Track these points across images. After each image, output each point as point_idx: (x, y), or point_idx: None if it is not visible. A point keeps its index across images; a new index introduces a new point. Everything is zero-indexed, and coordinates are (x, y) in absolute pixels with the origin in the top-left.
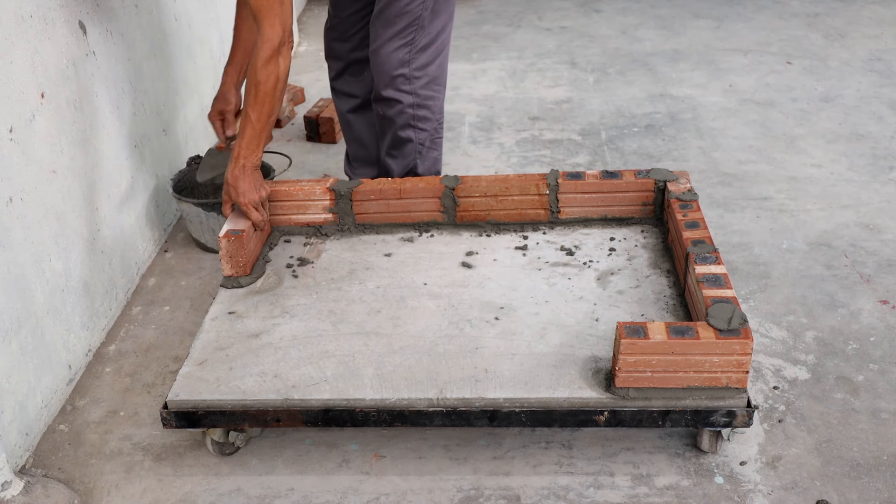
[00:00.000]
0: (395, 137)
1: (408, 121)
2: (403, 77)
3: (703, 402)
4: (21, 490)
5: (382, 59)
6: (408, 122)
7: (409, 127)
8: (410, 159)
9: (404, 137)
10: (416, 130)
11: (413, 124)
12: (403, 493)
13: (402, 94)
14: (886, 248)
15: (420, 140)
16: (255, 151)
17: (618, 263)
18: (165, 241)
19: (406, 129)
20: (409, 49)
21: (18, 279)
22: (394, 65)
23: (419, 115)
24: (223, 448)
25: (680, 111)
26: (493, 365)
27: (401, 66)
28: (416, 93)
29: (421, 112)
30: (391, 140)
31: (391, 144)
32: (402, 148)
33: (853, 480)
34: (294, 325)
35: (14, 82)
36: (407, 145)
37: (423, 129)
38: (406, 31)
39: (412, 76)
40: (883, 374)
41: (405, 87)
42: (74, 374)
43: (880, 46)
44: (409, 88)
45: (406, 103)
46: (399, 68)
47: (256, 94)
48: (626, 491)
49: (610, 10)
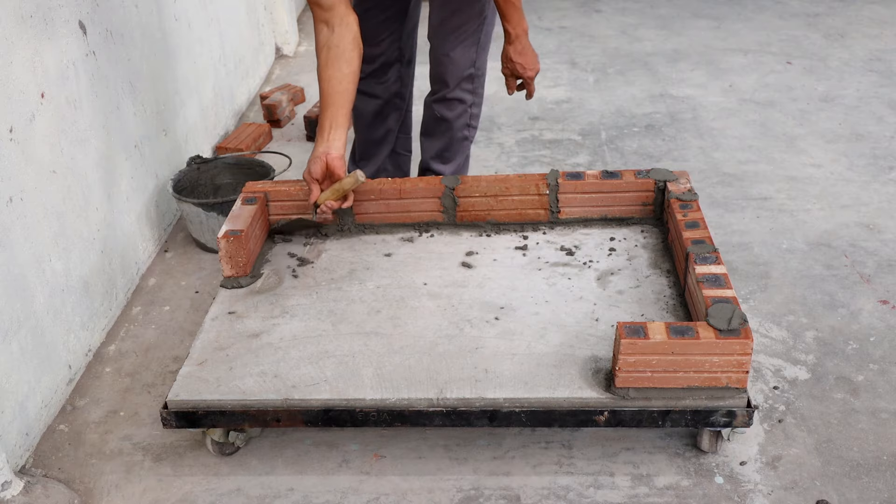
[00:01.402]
0: (452, 139)
1: (467, 121)
2: (470, 77)
3: (703, 402)
4: (21, 490)
5: (455, 62)
6: (467, 123)
7: (467, 127)
8: (462, 159)
9: (461, 137)
10: (470, 129)
11: (470, 123)
12: (403, 493)
13: (467, 93)
14: (886, 248)
15: (472, 138)
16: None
17: (618, 263)
18: (165, 241)
19: (465, 130)
20: (476, 48)
21: (18, 279)
22: (466, 66)
23: (474, 113)
24: (223, 448)
25: (680, 111)
26: (493, 365)
27: (470, 67)
28: (476, 91)
29: (476, 110)
30: (447, 143)
31: (446, 147)
32: (458, 149)
33: (853, 480)
34: (294, 325)
35: (14, 82)
36: (463, 144)
37: (475, 126)
38: (476, 32)
39: (476, 75)
40: (883, 374)
41: (469, 87)
42: (74, 374)
43: (880, 46)
44: (471, 88)
45: (468, 103)
46: (469, 68)
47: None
48: (626, 491)
49: (610, 10)
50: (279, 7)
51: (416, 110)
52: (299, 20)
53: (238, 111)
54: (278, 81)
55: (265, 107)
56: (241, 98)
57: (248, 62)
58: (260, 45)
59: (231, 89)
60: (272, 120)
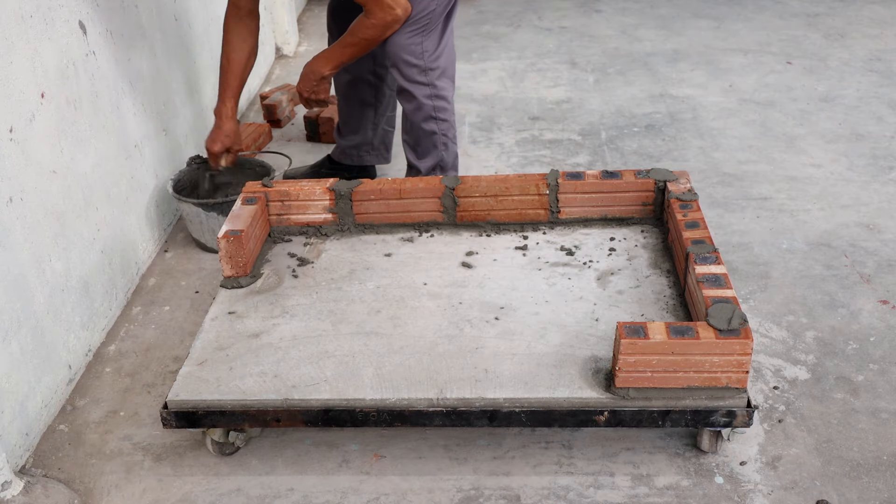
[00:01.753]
0: (419, 132)
1: (429, 113)
2: (422, 69)
3: (703, 402)
4: (21, 490)
5: (399, 48)
6: (429, 115)
7: (431, 119)
8: (437, 153)
9: (427, 130)
10: (437, 122)
11: (434, 115)
12: (403, 493)
13: (420, 86)
14: (886, 248)
15: (443, 131)
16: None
17: (618, 263)
18: (165, 241)
19: (429, 122)
20: (422, 38)
21: (18, 279)
22: (413, 55)
23: (438, 105)
24: (223, 448)
25: (680, 111)
26: (493, 365)
27: (418, 57)
28: (434, 84)
29: (440, 103)
30: (415, 136)
31: (416, 141)
32: (426, 142)
33: (853, 480)
34: (294, 325)
35: (14, 82)
36: (431, 137)
37: (445, 119)
38: (420, 21)
39: (429, 68)
40: (883, 374)
41: (422, 80)
42: (74, 374)
43: (880, 46)
44: (425, 80)
45: (423, 95)
46: (416, 59)
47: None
48: (626, 491)
49: (610, 10)
50: (279, 7)
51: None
52: (299, 20)
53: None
54: (278, 81)
55: (265, 107)
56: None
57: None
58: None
59: None
60: (272, 120)
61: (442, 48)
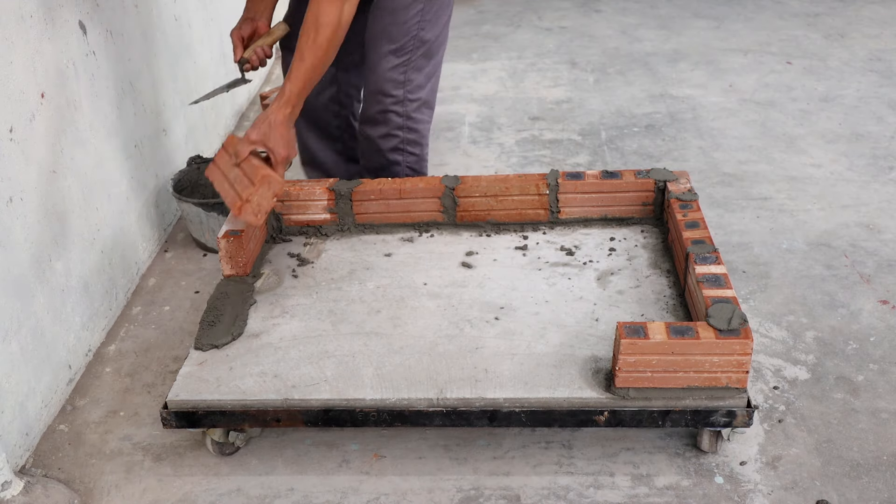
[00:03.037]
0: (383, 160)
1: (397, 144)
2: (395, 99)
3: (703, 402)
4: (21, 490)
5: (379, 77)
6: (397, 146)
7: (398, 150)
8: None
9: (392, 160)
10: (404, 154)
11: (402, 147)
12: (403, 493)
13: (395, 115)
14: (886, 248)
15: (409, 164)
16: (302, 100)
17: (618, 263)
18: (165, 241)
19: (395, 153)
20: (407, 69)
21: (18, 279)
22: (386, 84)
23: (409, 138)
24: (223, 448)
25: (680, 111)
26: (493, 365)
27: (398, 87)
28: (409, 116)
29: (411, 136)
30: (379, 163)
31: (378, 168)
32: (386, 173)
33: (853, 480)
34: (294, 325)
35: (14, 82)
36: (393, 168)
37: (413, 153)
38: (408, 51)
39: (405, 99)
40: (883, 374)
41: (398, 109)
42: (74, 374)
43: (880, 46)
44: (402, 111)
45: (394, 124)
46: (396, 88)
47: (316, 37)
48: (626, 491)
49: (610, 10)
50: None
51: None
52: None
53: (238, 111)
54: (278, 81)
55: (265, 107)
56: (241, 98)
57: None
58: None
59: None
60: None
61: (429, 80)
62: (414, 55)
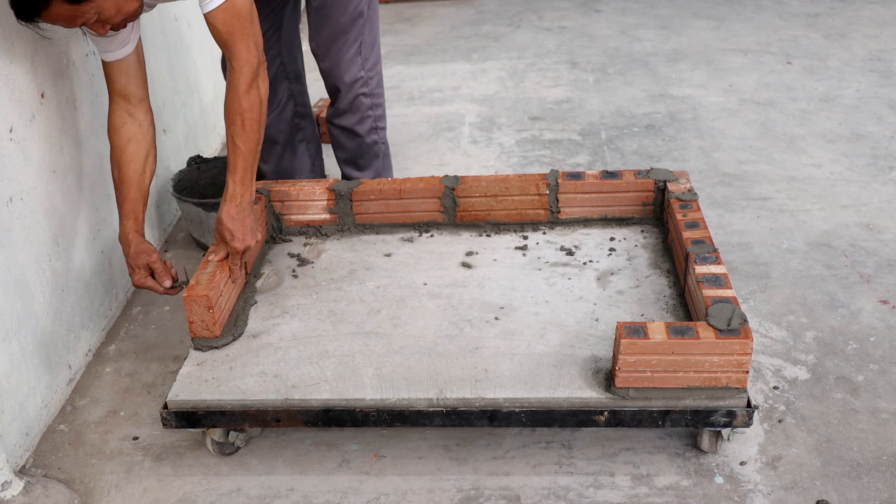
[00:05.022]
0: (361, 147)
1: (372, 125)
2: (363, 81)
3: (703, 402)
4: (21, 490)
5: (343, 70)
6: (372, 126)
7: (373, 131)
8: (377, 162)
9: (369, 141)
10: (378, 131)
11: (376, 125)
12: (403, 493)
13: (363, 97)
14: (886, 248)
15: (382, 140)
16: (249, 185)
17: (618, 263)
18: (165, 241)
19: (371, 134)
20: (360, 50)
21: (18, 279)
22: (355, 71)
23: (378, 114)
24: (223, 448)
25: (680, 111)
26: (493, 365)
27: (359, 70)
28: (374, 94)
29: (378, 112)
30: (359, 150)
31: (357, 154)
32: (369, 153)
33: (853, 480)
34: (294, 325)
35: (14, 82)
36: (373, 148)
37: (383, 127)
38: (358, 35)
39: (367, 78)
40: (883, 374)
41: (364, 90)
42: (74, 374)
43: (880, 46)
44: (367, 91)
45: (366, 106)
46: (358, 72)
47: (244, 124)
48: (626, 491)
49: (610, 10)
50: None
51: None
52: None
53: None
54: None
55: None
56: None
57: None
58: None
59: None
60: None
61: (374, 51)
62: (362, 33)
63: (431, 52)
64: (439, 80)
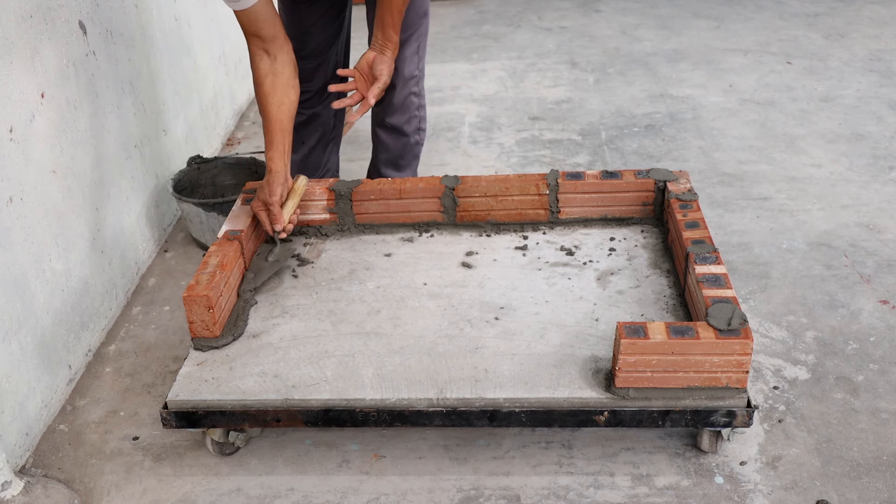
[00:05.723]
0: (405, 147)
1: (417, 125)
2: (415, 80)
3: (703, 402)
4: (21, 490)
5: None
6: (417, 127)
7: (417, 132)
8: (415, 165)
9: (413, 143)
10: (420, 133)
11: (420, 126)
12: (403, 493)
13: (414, 97)
14: (886, 248)
15: (422, 140)
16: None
17: (618, 263)
18: (165, 241)
19: (415, 134)
20: (419, 49)
21: (18, 279)
22: (411, 68)
23: (422, 115)
24: (223, 448)
25: (680, 111)
26: (493, 365)
27: (415, 69)
28: (421, 94)
29: (423, 112)
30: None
31: (400, 154)
32: (410, 156)
33: (853, 480)
34: (294, 326)
35: (14, 82)
36: (415, 149)
37: (424, 129)
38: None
39: (419, 77)
40: (883, 374)
41: (415, 90)
42: (74, 374)
43: (880, 46)
44: (417, 90)
45: (415, 105)
46: (414, 71)
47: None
48: (626, 491)
49: (610, 10)
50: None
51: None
52: None
53: (238, 111)
54: None
55: None
56: (241, 98)
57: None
58: None
59: (231, 89)
60: None
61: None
62: (424, 32)
63: (431, 52)
64: (439, 79)
